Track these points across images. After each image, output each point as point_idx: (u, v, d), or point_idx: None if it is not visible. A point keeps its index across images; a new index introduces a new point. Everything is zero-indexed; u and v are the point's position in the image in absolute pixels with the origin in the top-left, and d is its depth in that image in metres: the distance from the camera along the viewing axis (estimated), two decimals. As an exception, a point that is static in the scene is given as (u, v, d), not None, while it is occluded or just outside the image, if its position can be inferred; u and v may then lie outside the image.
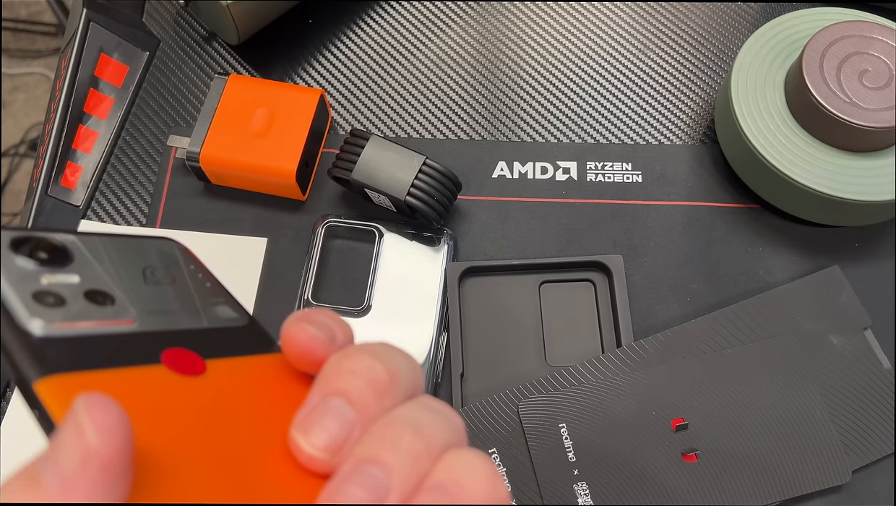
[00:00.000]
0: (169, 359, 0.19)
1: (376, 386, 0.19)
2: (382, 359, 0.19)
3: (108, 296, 0.20)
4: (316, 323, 0.20)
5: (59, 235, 0.20)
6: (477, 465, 0.18)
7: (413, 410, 0.19)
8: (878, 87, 0.39)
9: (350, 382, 0.19)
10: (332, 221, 0.42)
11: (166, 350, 0.19)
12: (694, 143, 0.45)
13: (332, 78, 0.48)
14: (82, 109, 0.46)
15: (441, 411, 0.20)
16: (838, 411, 0.37)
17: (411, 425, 0.18)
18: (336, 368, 0.19)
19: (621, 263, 0.40)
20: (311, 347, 0.20)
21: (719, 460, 0.36)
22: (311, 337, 0.20)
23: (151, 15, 0.50)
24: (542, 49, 0.48)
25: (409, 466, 0.17)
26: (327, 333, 0.20)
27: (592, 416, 0.36)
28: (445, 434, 0.19)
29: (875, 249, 0.42)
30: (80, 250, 0.21)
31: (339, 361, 0.19)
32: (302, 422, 0.18)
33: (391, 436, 0.18)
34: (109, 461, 0.14)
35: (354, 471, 0.17)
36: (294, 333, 0.20)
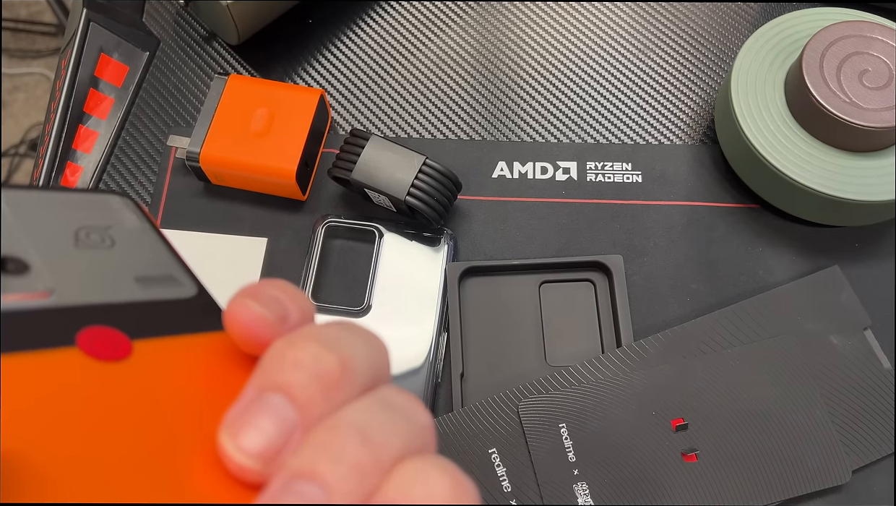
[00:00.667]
0: (85, 341, 0.16)
1: (324, 380, 0.16)
2: (333, 347, 0.16)
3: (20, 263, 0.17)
4: (263, 299, 0.17)
5: None
6: (435, 480, 0.15)
7: (365, 409, 0.16)
8: (878, 88, 0.39)
9: (292, 375, 0.16)
10: (332, 221, 0.42)
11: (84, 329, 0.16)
12: (694, 143, 0.45)
13: (332, 78, 0.48)
14: (82, 109, 0.46)
15: (402, 408, 0.17)
16: (838, 410, 0.37)
17: (359, 431, 0.15)
18: (277, 358, 0.16)
19: (621, 263, 0.40)
20: (257, 329, 0.17)
21: (719, 460, 0.36)
22: (257, 317, 0.17)
23: (151, 15, 0.50)
24: (542, 49, 0.48)
25: (353, 482, 0.15)
26: (276, 312, 0.17)
27: (592, 416, 0.36)
28: (401, 440, 0.16)
29: (875, 250, 0.42)
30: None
31: (281, 350, 0.16)
32: (232, 422, 0.15)
33: (333, 444, 0.15)
34: None
35: (285, 488, 0.14)
36: (236, 312, 0.17)
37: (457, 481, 0.15)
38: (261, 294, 0.17)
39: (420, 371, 0.38)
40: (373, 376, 0.17)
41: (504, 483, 0.35)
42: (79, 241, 0.18)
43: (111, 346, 0.16)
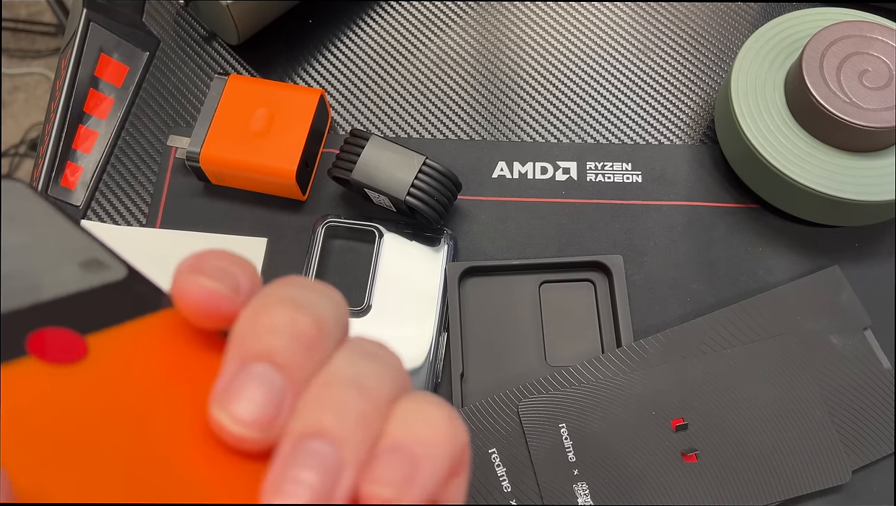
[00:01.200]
0: (37, 346, 0.15)
1: (303, 341, 0.16)
2: (304, 307, 0.16)
3: None
4: (211, 272, 0.17)
5: None
6: (431, 412, 0.16)
7: (350, 361, 0.16)
8: (878, 88, 0.39)
9: (271, 341, 0.16)
10: (332, 221, 0.42)
11: (32, 335, 0.15)
12: (694, 143, 0.45)
13: (332, 78, 0.48)
14: (82, 109, 0.46)
15: (379, 354, 0.17)
16: (838, 410, 0.37)
17: (353, 383, 0.16)
18: (251, 328, 0.16)
19: (621, 263, 0.40)
20: (211, 303, 0.16)
21: (719, 460, 0.36)
22: (208, 292, 0.16)
23: (151, 15, 0.50)
24: (542, 49, 0.48)
25: (360, 431, 0.15)
26: (227, 283, 0.17)
27: (592, 416, 0.36)
28: (390, 383, 0.16)
29: (875, 249, 0.42)
30: None
31: (253, 318, 0.16)
32: (222, 396, 0.15)
33: (332, 400, 0.15)
34: None
35: (297, 450, 0.14)
36: (185, 290, 0.16)
37: (448, 411, 0.16)
38: (206, 267, 0.17)
39: (420, 371, 0.38)
40: (341, 329, 0.17)
41: (504, 483, 0.35)
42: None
43: (65, 347, 0.15)
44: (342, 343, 0.17)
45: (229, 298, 0.17)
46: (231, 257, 0.17)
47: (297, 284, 0.17)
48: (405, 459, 0.15)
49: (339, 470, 0.14)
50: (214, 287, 0.17)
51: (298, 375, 0.16)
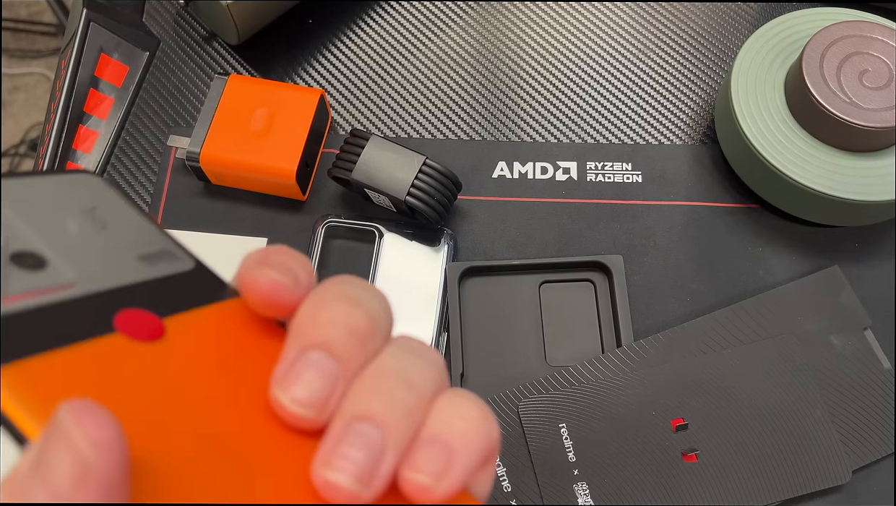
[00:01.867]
0: (123, 324, 0.16)
1: (357, 334, 0.18)
2: (359, 304, 0.18)
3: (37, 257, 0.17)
4: (276, 266, 0.19)
5: None
6: (469, 409, 0.18)
7: (398, 357, 0.18)
8: (878, 87, 0.39)
9: (329, 331, 0.17)
10: (332, 221, 0.42)
11: (118, 314, 0.17)
12: (694, 143, 0.45)
13: (332, 78, 0.48)
14: (82, 109, 0.46)
15: (423, 352, 0.19)
16: (838, 411, 0.37)
17: (401, 377, 0.17)
18: (311, 318, 0.18)
19: (621, 263, 0.40)
20: (277, 294, 0.18)
21: (719, 460, 0.36)
22: (275, 283, 0.18)
23: (151, 15, 0.50)
24: (542, 49, 0.48)
25: (405, 420, 0.17)
26: (290, 276, 0.19)
27: (592, 416, 0.36)
28: (432, 380, 0.18)
29: (875, 249, 0.42)
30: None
31: (314, 310, 0.18)
32: (282, 379, 0.17)
33: (382, 390, 0.17)
34: (111, 477, 0.13)
35: (348, 431, 0.16)
36: (255, 281, 0.18)
37: (484, 409, 0.18)
38: (272, 261, 0.19)
39: (420, 371, 0.38)
40: (389, 325, 0.19)
41: (504, 483, 0.35)
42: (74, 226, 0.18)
43: (146, 326, 0.17)
44: (390, 339, 0.19)
45: (291, 290, 0.18)
46: (293, 254, 0.19)
47: (352, 283, 0.19)
48: (443, 450, 0.17)
49: (383, 452, 0.16)
50: (279, 279, 0.18)
51: (351, 364, 0.17)
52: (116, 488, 0.13)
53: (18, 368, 0.14)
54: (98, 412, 0.13)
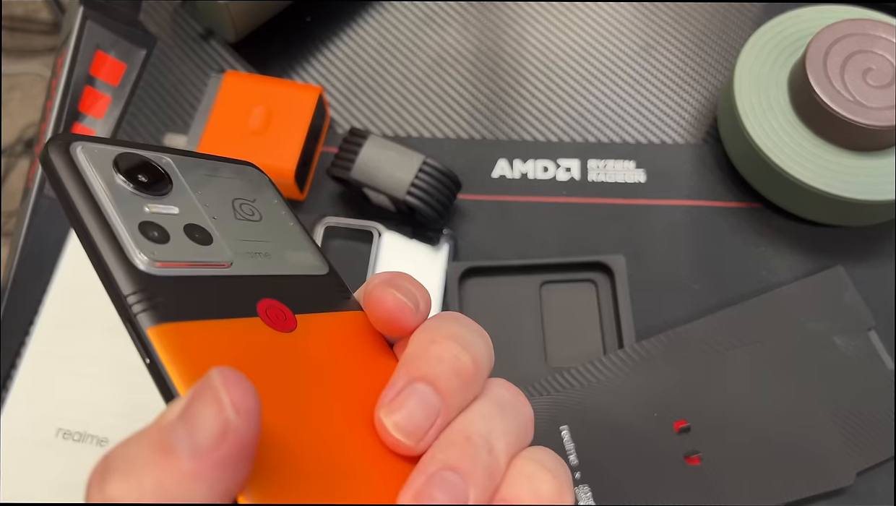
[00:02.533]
0: (264, 312, 0.18)
1: (462, 376, 0.19)
2: (468, 347, 0.20)
3: (206, 233, 0.19)
4: (402, 289, 0.20)
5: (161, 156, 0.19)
6: (542, 480, 0.19)
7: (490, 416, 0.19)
8: (881, 86, 0.39)
9: (437, 368, 0.19)
10: (331, 220, 0.41)
11: (261, 301, 0.18)
12: (697, 142, 0.45)
13: (331, 76, 0.48)
14: (78, 108, 0.46)
15: (514, 406, 0.20)
16: (842, 412, 0.36)
17: (486, 442, 0.19)
18: (423, 352, 0.19)
19: (623, 263, 0.40)
20: (399, 315, 0.20)
21: (722, 462, 0.35)
22: (400, 305, 0.20)
23: (148, 13, 0.50)
24: (543, 47, 0.48)
25: (485, 479, 0.18)
26: (413, 301, 0.20)
27: (594, 418, 0.36)
28: (514, 440, 0.20)
29: (879, 250, 0.42)
30: (177, 175, 0.19)
31: (426, 345, 0.20)
32: (389, 404, 0.19)
33: (471, 450, 0.18)
34: (246, 442, 0.14)
35: (439, 474, 0.18)
36: (382, 299, 0.20)
37: (561, 475, 0.19)
38: (399, 284, 0.20)
39: (420, 372, 0.38)
40: (490, 369, 0.21)
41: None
42: (236, 212, 0.20)
43: (282, 318, 0.19)
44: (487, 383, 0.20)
45: (412, 314, 0.20)
46: (414, 281, 0.21)
47: (463, 323, 0.21)
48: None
49: (463, 501, 0.18)
50: (404, 301, 0.20)
51: (453, 403, 0.19)
52: (246, 453, 0.14)
53: (177, 328, 0.16)
54: (243, 382, 0.15)
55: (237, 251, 0.19)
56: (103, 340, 0.40)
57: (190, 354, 0.16)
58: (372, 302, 0.20)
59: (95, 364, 0.39)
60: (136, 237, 0.17)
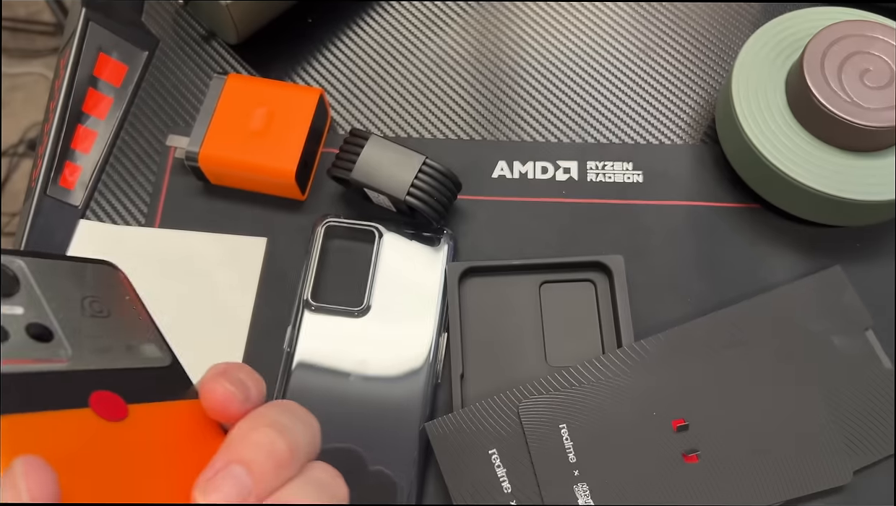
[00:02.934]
0: (96, 403, 0.20)
1: (276, 460, 0.21)
2: (285, 433, 0.21)
3: (46, 331, 0.20)
4: (233, 380, 0.22)
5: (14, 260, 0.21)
6: None
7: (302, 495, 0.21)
8: (879, 87, 0.39)
9: (253, 452, 0.21)
10: (332, 220, 0.42)
11: (94, 392, 0.20)
12: (695, 142, 0.45)
13: (332, 77, 0.48)
14: (81, 109, 0.46)
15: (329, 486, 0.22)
16: (840, 411, 0.37)
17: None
18: (242, 437, 0.21)
19: (622, 263, 0.40)
20: (227, 404, 0.22)
21: (720, 460, 0.35)
22: (229, 395, 0.22)
23: (150, 14, 0.50)
24: (543, 49, 0.48)
25: None
26: (243, 392, 0.22)
27: (593, 416, 0.36)
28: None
29: (877, 249, 0.42)
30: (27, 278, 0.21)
31: (246, 431, 0.21)
32: (204, 484, 0.20)
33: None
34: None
35: None
36: (212, 389, 0.22)
37: None
38: (230, 375, 0.22)
39: (420, 371, 0.38)
40: (308, 455, 0.23)
41: (504, 484, 0.35)
42: (84, 309, 0.21)
43: (114, 408, 0.20)
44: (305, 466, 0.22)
45: (240, 403, 0.22)
46: (248, 372, 0.23)
47: (286, 410, 0.23)
48: None
49: None
50: (233, 391, 0.22)
51: (265, 485, 0.21)
52: None
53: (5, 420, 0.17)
54: (43, 470, 0.16)
55: (77, 346, 0.20)
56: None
57: (12, 444, 0.17)
58: (204, 392, 0.22)
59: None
60: None
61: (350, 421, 0.37)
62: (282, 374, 0.39)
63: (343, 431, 0.37)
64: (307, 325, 0.39)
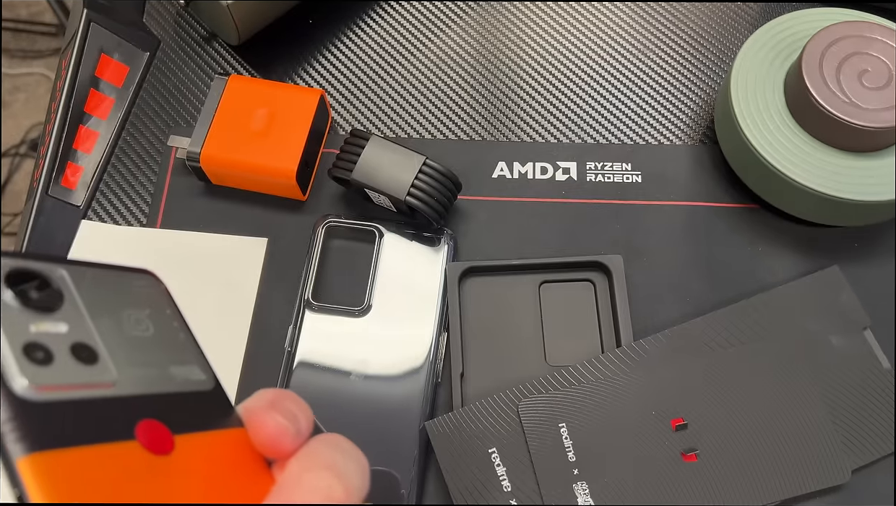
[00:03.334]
0: (143, 434, 0.18)
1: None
2: (342, 476, 0.20)
3: (92, 352, 0.18)
4: (285, 412, 0.21)
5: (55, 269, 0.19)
6: None
7: None
8: (877, 88, 0.39)
9: (309, 497, 0.19)
10: (333, 221, 0.42)
11: (140, 422, 0.18)
12: (694, 143, 0.45)
13: (333, 78, 0.48)
14: (83, 110, 0.46)
15: None
16: (838, 410, 0.37)
17: None
18: (297, 480, 0.20)
19: (621, 263, 0.40)
20: (279, 440, 0.20)
21: (719, 459, 0.36)
22: (282, 430, 0.20)
23: (152, 15, 0.50)
24: (542, 49, 0.49)
25: None
26: (295, 425, 0.21)
27: (592, 416, 0.36)
28: None
29: (875, 249, 0.42)
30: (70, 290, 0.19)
31: (300, 473, 0.20)
32: None
33: None
34: None
35: None
36: (263, 424, 0.20)
37: None
38: (281, 407, 0.21)
39: (420, 371, 0.38)
40: (360, 498, 0.21)
41: (504, 483, 0.35)
42: (125, 326, 0.19)
43: (160, 440, 0.18)
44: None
45: (293, 438, 0.20)
46: (299, 402, 0.21)
47: (341, 449, 0.21)
48: None
49: None
50: (286, 426, 0.20)
51: None
52: None
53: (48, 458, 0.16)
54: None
55: (122, 369, 0.19)
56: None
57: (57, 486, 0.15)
58: (253, 425, 0.21)
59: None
60: (18, 360, 0.16)
61: (351, 420, 0.38)
62: (283, 373, 0.39)
63: (344, 430, 0.37)
64: (308, 324, 0.40)
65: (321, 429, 0.37)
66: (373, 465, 0.37)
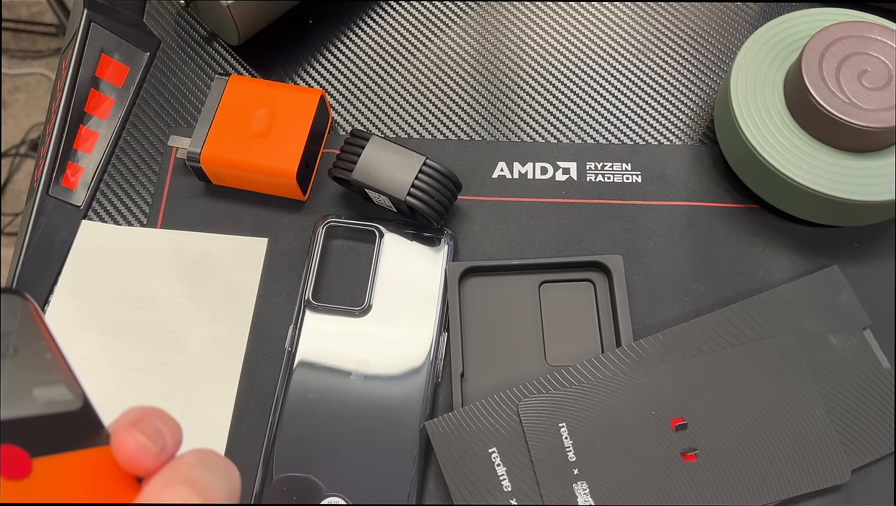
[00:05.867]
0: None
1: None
2: (202, 489, 0.20)
3: None
4: (147, 432, 0.21)
5: None
6: None
7: None
8: (877, 88, 0.39)
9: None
10: (333, 221, 0.42)
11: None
12: (693, 143, 0.45)
13: (333, 78, 0.48)
14: (83, 110, 0.46)
15: None
16: (838, 410, 0.37)
17: None
18: (156, 495, 0.20)
19: (621, 263, 0.40)
20: (140, 458, 0.21)
21: (719, 459, 0.36)
22: (142, 448, 0.21)
23: (152, 15, 0.50)
24: (542, 49, 0.49)
25: None
26: (158, 443, 0.21)
27: (592, 416, 0.36)
28: None
29: (874, 249, 0.42)
30: None
31: (160, 489, 0.20)
32: None
33: None
34: None
35: None
36: (124, 442, 0.21)
37: None
38: (144, 426, 0.21)
39: (420, 371, 0.39)
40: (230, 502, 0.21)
41: (504, 483, 0.36)
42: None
43: (17, 464, 0.18)
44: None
45: (155, 456, 0.21)
46: (164, 418, 0.21)
47: (205, 463, 0.21)
48: None
49: None
50: (146, 444, 0.21)
51: None
52: None
53: None
54: None
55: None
56: (107, 341, 0.40)
57: None
58: (115, 443, 0.21)
59: (99, 364, 0.40)
60: None
61: (351, 420, 0.38)
62: (283, 373, 0.39)
63: (344, 429, 0.37)
64: (308, 324, 0.40)
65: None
66: (373, 465, 0.37)
